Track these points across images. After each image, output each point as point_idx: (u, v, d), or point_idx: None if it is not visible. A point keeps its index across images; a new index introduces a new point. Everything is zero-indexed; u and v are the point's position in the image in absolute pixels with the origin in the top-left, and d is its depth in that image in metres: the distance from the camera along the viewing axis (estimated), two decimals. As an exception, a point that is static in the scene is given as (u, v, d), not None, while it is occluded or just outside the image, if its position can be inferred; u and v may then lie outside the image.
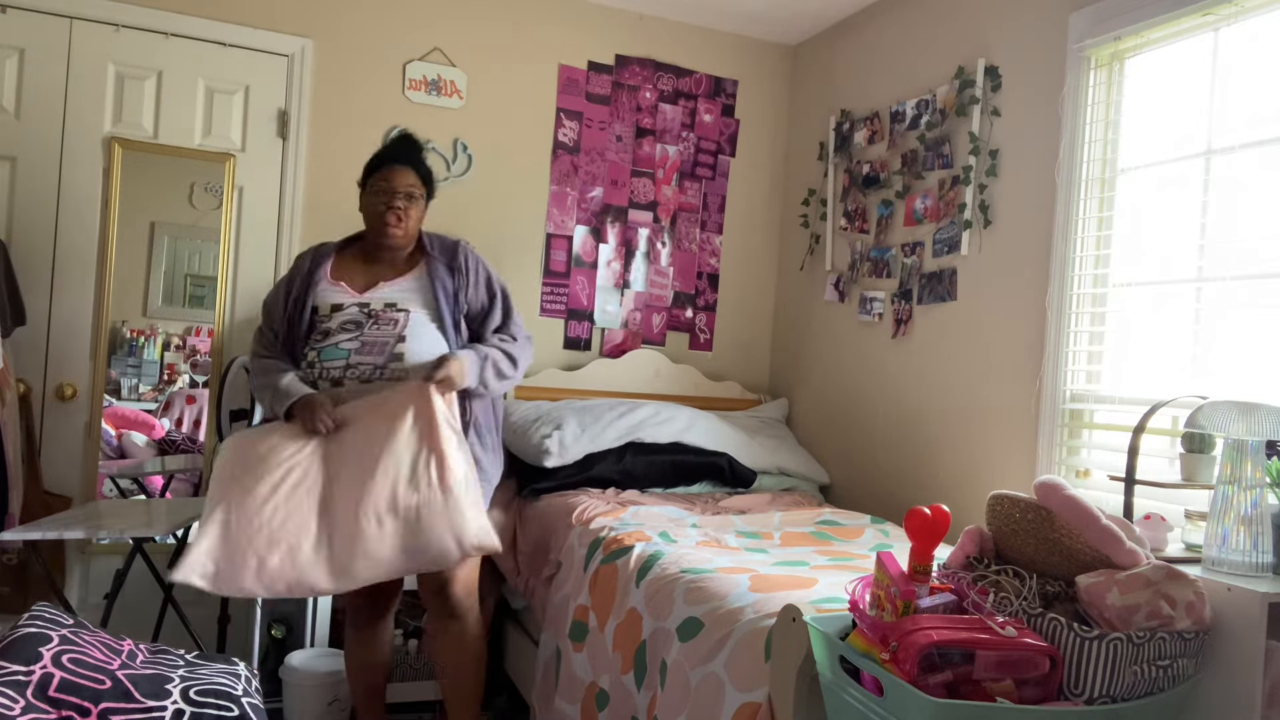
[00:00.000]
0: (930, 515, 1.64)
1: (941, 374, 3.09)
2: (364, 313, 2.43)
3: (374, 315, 2.42)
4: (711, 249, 3.99)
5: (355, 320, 2.43)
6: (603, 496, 3.13)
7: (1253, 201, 2.24)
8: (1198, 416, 1.81)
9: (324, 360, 2.39)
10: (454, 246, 2.59)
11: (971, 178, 2.96)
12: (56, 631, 1.71)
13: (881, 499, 3.33)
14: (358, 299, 2.45)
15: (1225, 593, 1.63)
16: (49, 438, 3.10)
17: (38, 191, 3.07)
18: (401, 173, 2.48)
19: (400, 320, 2.42)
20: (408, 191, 2.47)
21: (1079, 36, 2.62)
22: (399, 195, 2.46)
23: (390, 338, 2.41)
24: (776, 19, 3.82)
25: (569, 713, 2.48)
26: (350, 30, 3.43)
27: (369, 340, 2.40)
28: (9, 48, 3.04)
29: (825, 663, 1.62)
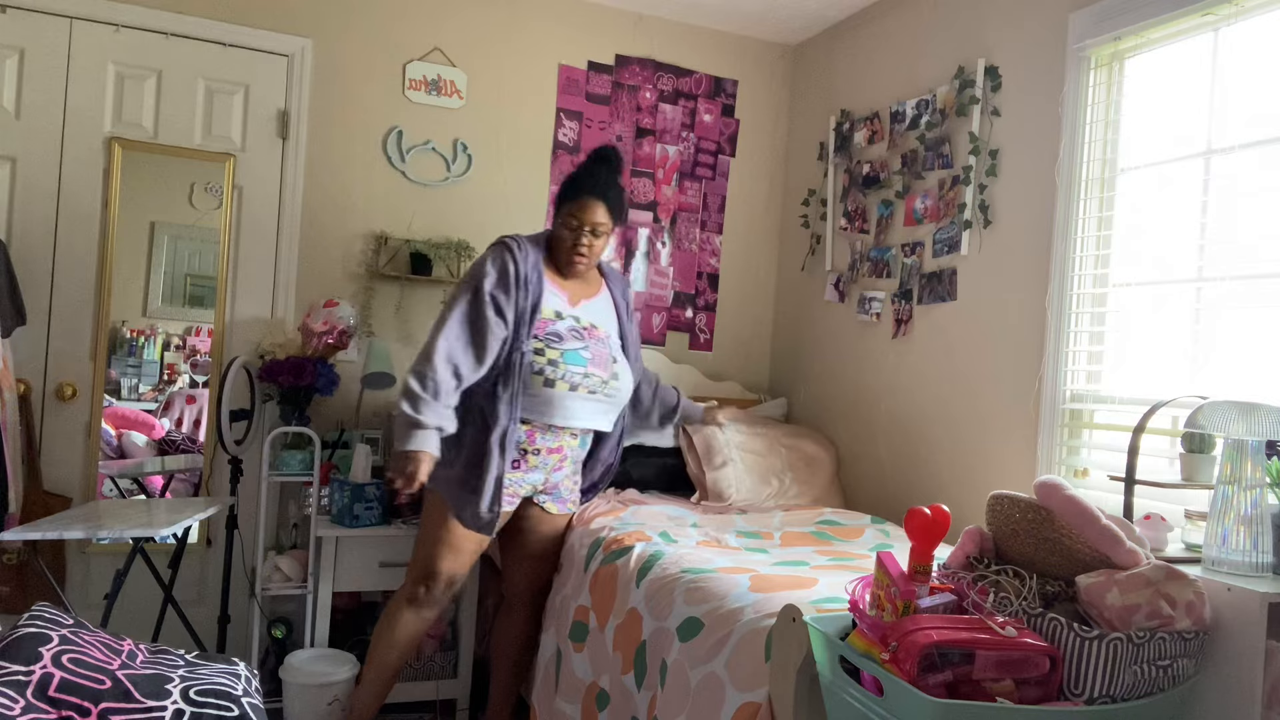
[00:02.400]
0: (930, 515, 1.64)
1: (941, 374, 3.09)
2: (579, 325, 2.54)
3: (588, 329, 2.55)
4: (711, 249, 3.99)
5: (577, 331, 2.53)
6: (603, 496, 3.13)
7: (1252, 201, 2.24)
8: (1198, 416, 1.81)
9: (568, 363, 2.47)
10: (623, 277, 2.81)
11: (971, 178, 2.96)
12: (56, 631, 1.71)
13: (881, 499, 3.33)
14: (572, 310, 2.56)
15: (1225, 593, 1.63)
16: (49, 438, 3.10)
17: (38, 191, 3.07)
18: (593, 207, 2.51)
19: (605, 340, 2.58)
20: (594, 228, 2.52)
21: (1079, 36, 2.62)
22: (585, 231, 2.51)
23: (607, 355, 2.56)
24: (776, 19, 3.82)
25: (569, 713, 2.48)
26: (350, 30, 3.43)
27: (596, 354, 2.53)
28: (9, 48, 3.04)
29: (825, 663, 1.62)
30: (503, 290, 2.46)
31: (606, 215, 2.53)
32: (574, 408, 2.53)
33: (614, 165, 2.62)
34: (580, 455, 2.69)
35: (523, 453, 2.54)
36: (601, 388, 2.54)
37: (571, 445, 2.62)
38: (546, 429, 2.54)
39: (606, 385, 2.55)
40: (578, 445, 2.64)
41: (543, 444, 2.55)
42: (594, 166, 2.59)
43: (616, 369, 2.57)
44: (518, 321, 2.46)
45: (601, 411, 2.61)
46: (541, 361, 2.46)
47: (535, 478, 2.60)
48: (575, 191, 2.54)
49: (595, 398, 2.55)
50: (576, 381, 2.49)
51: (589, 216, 2.51)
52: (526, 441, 2.53)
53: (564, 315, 2.54)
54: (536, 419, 2.52)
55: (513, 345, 2.46)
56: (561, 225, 2.55)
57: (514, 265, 2.47)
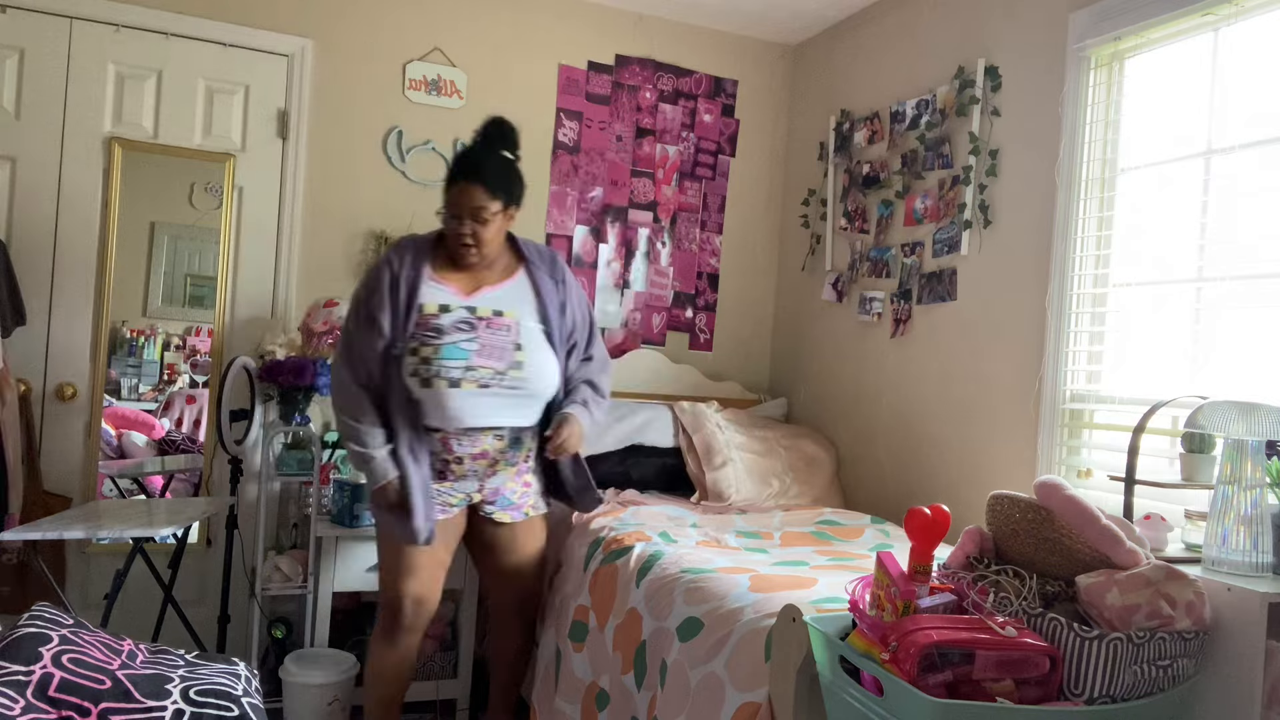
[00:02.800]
0: (930, 515, 1.64)
1: (941, 374, 3.09)
2: (474, 316, 2.33)
3: (485, 320, 2.33)
4: (711, 249, 3.99)
5: (467, 321, 2.32)
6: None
7: (1252, 201, 2.24)
8: (1198, 416, 1.81)
9: (443, 358, 2.27)
10: (553, 255, 2.52)
11: (971, 178, 2.96)
12: (56, 631, 1.71)
13: (881, 499, 3.33)
14: (465, 301, 2.35)
15: (1225, 593, 1.63)
16: (49, 438, 3.10)
17: (38, 191, 3.07)
18: (469, 192, 2.30)
19: (512, 327, 2.35)
20: (474, 214, 2.30)
21: (1079, 36, 2.62)
22: (465, 220, 2.32)
23: (508, 344, 2.32)
24: (776, 19, 3.82)
25: (569, 713, 2.48)
26: (350, 30, 3.43)
27: (487, 344, 2.30)
28: (9, 48, 3.04)
29: (825, 663, 1.62)
30: (374, 297, 2.34)
31: (487, 197, 2.30)
32: (465, 405, 2.30)
33: (492, 140, 2.40)
34: (516, 456, 2.45)
35: (444, 463, 2.37)
36: (496, 380, 2.30)
37: (497, 446, 2.39)
38: (461, 433, 2.34)
39: (504, 376, 2.31)
40: (505, 446, 2.40)
41: (462, 450, 2.36)
42: (470, 146, 2.41)
43: (521, 357, 2.33)
44: (394, 325, 2.32)
45: (507, 406, 2.35)
46: (415, 361, 2.28)
47: (468, 486, 2.42)
48: (450, 177, 2.34)
49: (491, 391, 2.30)
50: (457, 376, 2.27)
51: (466, 202, 2.30)
52: (444, 450, 2.35)
53: (452, 308, 2.33)
54: (439, 423, 2.33)
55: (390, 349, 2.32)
56: (445, 215, 2.35)
57: (388, 271, 2.35)
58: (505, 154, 2.40)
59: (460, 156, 2.39)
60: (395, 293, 2.33)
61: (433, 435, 2.34)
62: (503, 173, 2.36)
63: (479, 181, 2.30)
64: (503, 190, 2.34)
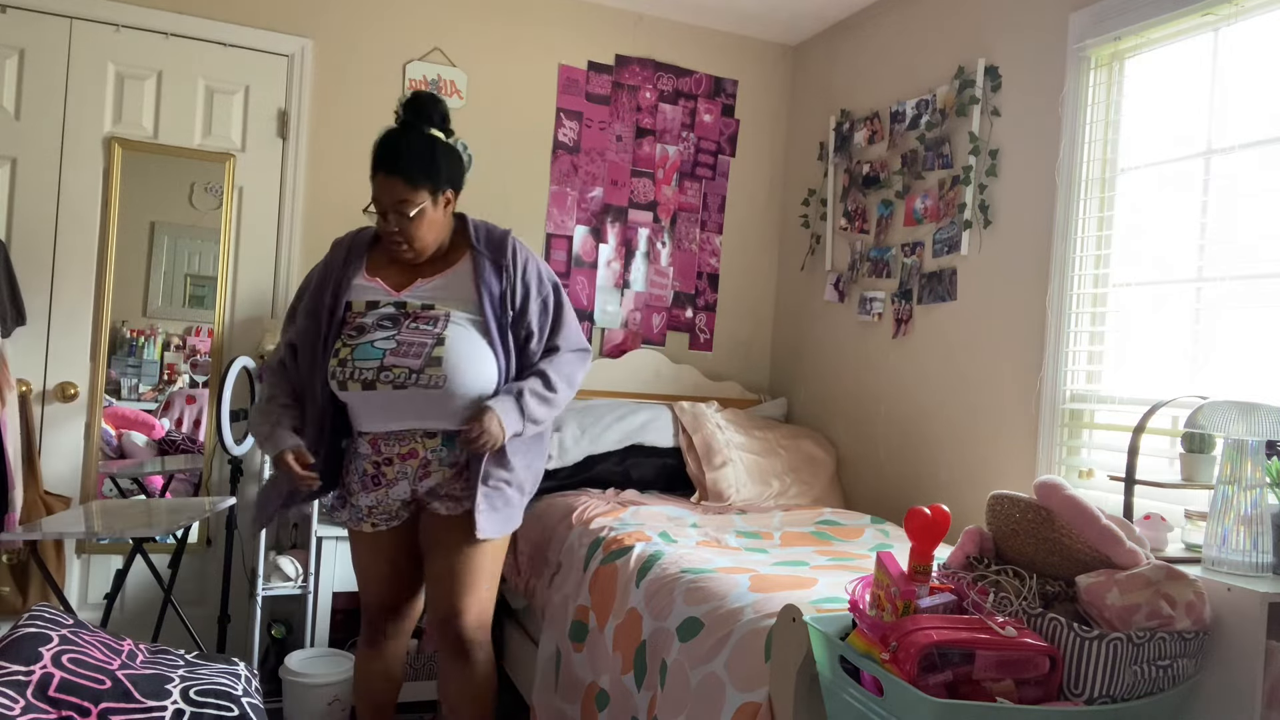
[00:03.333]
0: (930, 515, 1.64)
1: (941, 374, 3.09)
2: (401, 312, 2.17)
3: (412, 315, 2.16)
4: (711, 249, 3.99)
5: (391, 317, 2.16)
6: (602, 496, 3.13)
7: (1252, 201, 2.24)
8: (1198, 416, 1.81)
9: (357, 359, 2.12)
10: (502, 239, 2.28)
11: (971, 178, 2.96)
12: (56, 631, 1.71)
13: (882, 499, 3.33)
14: (394, 297, 2.19)
15: (1225, 593, 1.63)
16: (49, 438, 3.10)
17: (38, 191, 3.07)
18: (388, 186, 2.12)
19: (439, 321, 2.15)
20: (397, 208, 2.12)
21: (1079, 36, 2.62)
22: (389, 215, 2.14)
23: (429, 339, 2.13)
24: (776, 19, 3.82)
25: (569, 713, 2.48)
26: (350, 30, 3.43)
27: (405, 341, 2.13)
28: (9, 48, 3.04)
29: (825, 663, 1.62)
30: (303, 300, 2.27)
31: (408, 189, 2.10)
32: (380, 407, 2.15)
33: (413, 119, 2.19)
34: (450, 458, 2.20)
35: (376, 465, 2.20)
36: (411, 380, 2.10)
37: (430, 446, 2.19)
38: (388, 435, 2.18)
39: (420, 375, 2.10)
40: (439, 446, 2.19)
41: (391, 450, 2.19)
42: (388, 131, 2.19)
43: (440, 353, 2.11)
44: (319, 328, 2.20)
45: (428, 407, 2.14)
46: (334, 364, 2.15)
47: (401, 491, 2.21)
48: (371, 170, 2.15)
49: (408, 393, 2.11)
50: (369, 378, 2.11)
51: (387, 197, 2.12)
52: (373, 452, 2.20)
53: (382, 304, 2.18)
54: (364, 426, 2.21)
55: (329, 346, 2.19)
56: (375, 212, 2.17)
57: (320, 271, 2.26)
58: (430, 132, 2.18)
59: (378, 144, 2.16)
60: (321, 295, 2.21)
61: (362, 438, 2.21)
62: (426, 156, 2.14)
63: (397, 173, 2.10)
64: (428, 177, 2.13)
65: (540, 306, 2.28)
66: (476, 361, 2.17)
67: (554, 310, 2.31)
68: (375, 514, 2.25)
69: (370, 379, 2.11)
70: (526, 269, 2.27)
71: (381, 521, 2.26)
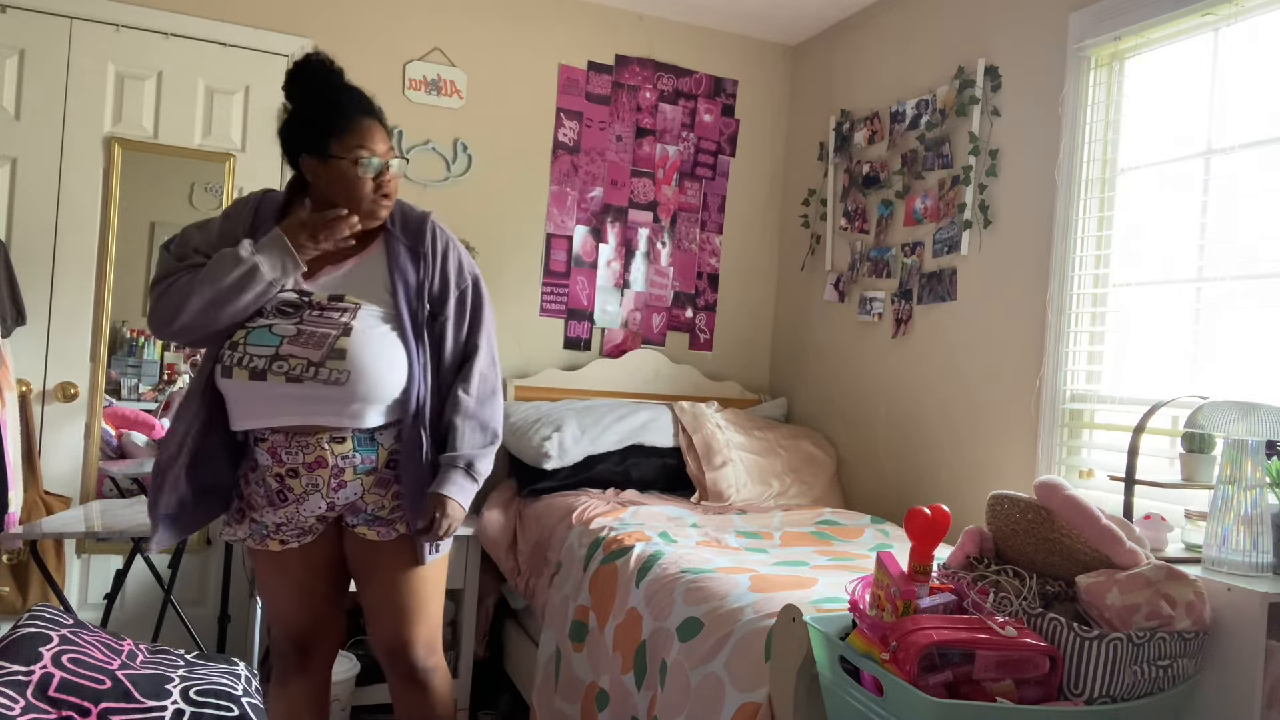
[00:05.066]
0: (930, 515, 1.64)
1: (941, 374, 3.09)
2: (304, 300, 1.93)
3: (317, 305, 1.92)
4: (711, 249, 3.99)
5: (292, 305, 1.92)
6: (602, 496, 3.13)
7: (1252, 201, 2.25)
8: (1198, 416, 1.81)
9: (249, 343, 1.87)
10: (421, 222, 2.05)
11: (971, 178, 2.96)
12: (56, 631, 1.71)
13: (882, 499, 3.33)
14: (299, 285, 1.94)
15: (1225, 593, 1.63)
16: (49, 438, 3.10)
17: (38, 191, 3.07)
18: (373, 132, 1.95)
19: (349, 311, 1.92)
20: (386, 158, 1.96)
21: (1079, 36, 2.62)
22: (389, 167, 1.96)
23: (334, 329, 1.89)
24: (776, 19, 3.82)
25: (569, 713, 2.48)
26: (350, 30, 3.43)
27: (307, 330, 1.88)
28: (9, 48, 3.04)
29: (825, 663, 1.62)
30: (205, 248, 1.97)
31: (389, 136, 2.00)
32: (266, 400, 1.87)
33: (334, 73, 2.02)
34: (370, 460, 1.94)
35: (279, 479, 1.90)
36: (308, 373, 1.84)
37: (340, 452, 1.91)
38: (289, 439, 1.89)
39: (320, 369, 1.85)
40: (350, 450, 1.91)
41: (294, 459, 1.89)
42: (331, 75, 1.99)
43: (344, 345, 1.87)
44: None
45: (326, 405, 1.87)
46: (225, 348, 1.89)
47: (314, 505, 1.93)
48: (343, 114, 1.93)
49: (304, 387, 1.85)
50: (260, 366, 1.85)
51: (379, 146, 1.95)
52: (273, 462, 1.90)
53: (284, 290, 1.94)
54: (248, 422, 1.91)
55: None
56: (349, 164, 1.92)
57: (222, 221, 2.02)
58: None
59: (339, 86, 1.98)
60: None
61: (260, 447, 1.92)
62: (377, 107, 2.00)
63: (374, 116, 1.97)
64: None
65: (458, 300, 2.04)
66: (386, 357, 1.92)
67: (472, 306, 2.06)
68: (284, 530, 1.97)
69: (260, 368, 1.85)
70: (446, 257, 2.04)
71: (291, 538, 1.98)
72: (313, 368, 1.85)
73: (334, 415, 1.89)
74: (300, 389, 1.86)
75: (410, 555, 2.00)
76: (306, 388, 1.86)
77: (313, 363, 1.86)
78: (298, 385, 1.85)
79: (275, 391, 1.86)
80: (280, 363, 1.85)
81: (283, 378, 1.85)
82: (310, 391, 1.86)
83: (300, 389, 1.86)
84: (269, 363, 1.85)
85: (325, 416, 1.89)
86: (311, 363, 1.86)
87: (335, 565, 2.05)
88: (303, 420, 1.88)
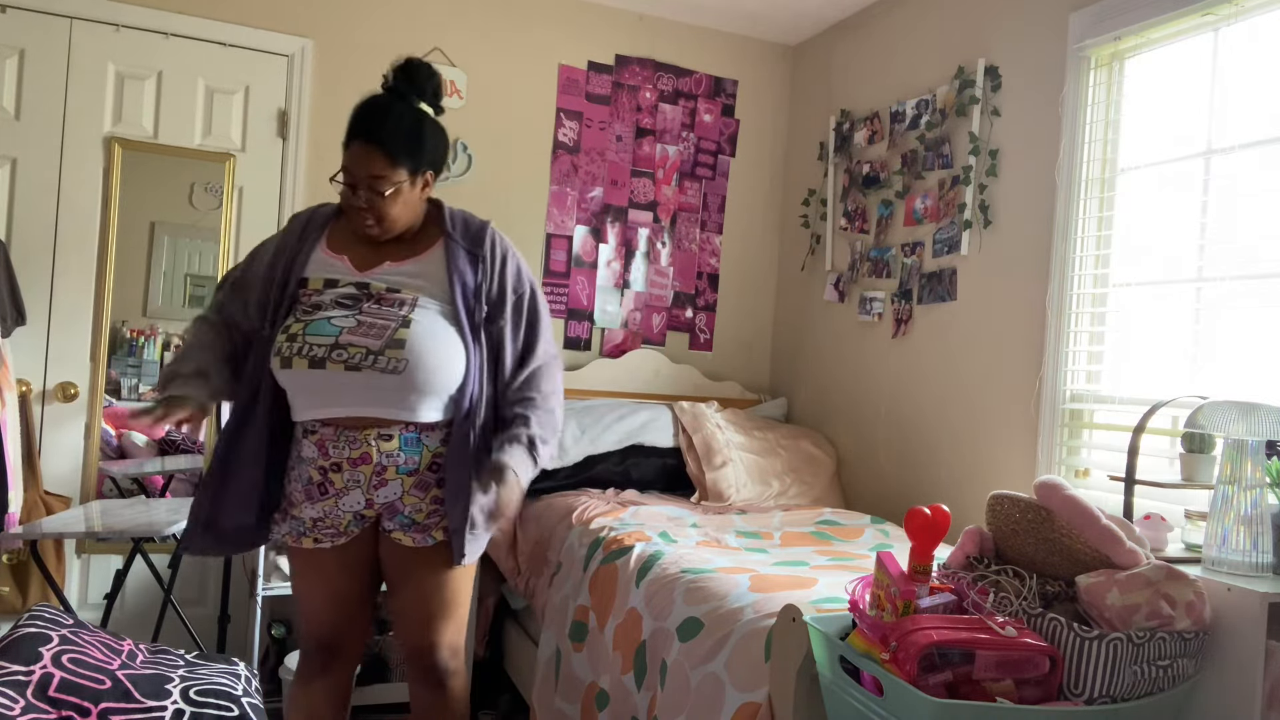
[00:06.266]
0: (930, 515, 1.64)
1: (941, 374, 3.09)
2: (363, 292, 1.94)
3: (375, 296, 1.94)
4: (711, 249, 3.99)
5: (351, 297, 1.94)
6: (602, 496, 3.13)
7: (1252, 201, 2.25)
8: (1198, 416, 1.81)
9: (309, 334, 1.88)
10: (480, 230, 2.07)
11: (971, 178, 2.96)
12: (56, 631, 1.71)
13: (882, 499, 3.33)
14: (356, 277, 1.96)
15: (1225, 593, 1.63)
16: (49, 438, 3.10)
17: (38, 191, 3.07)
18: (364, 157, 1.91)
19: (407, 304, 1.93)
20: (371, 184, 1.91)
21: (1079, 36, 2.62)
22: (360, 191, 1.92)
23: (393, 320, 1.90)
24: (776, 19, 3.82)
25: (569, 713, 2.48)
26: (350, 30, 3.43)
27: (367, 320, 1.90)
28: (9, 48, 3.04)
29: (825, 663, 1.62)
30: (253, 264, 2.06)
31: (387, 165, 1.90)
32: (326, 388, 1.88)
33: (402, 88, 1.98)
34: (413, 462, 1.94)
35: (322, 472, 1.92)
36: (368, 361, 1.85)
37: (386, 450, 1.92)
38: (338, 433, 1.91)
39: (379, 358, 1.86)
40: (396, 449, 1.92)
41: (339, 454, 1.91)
42: (371, 96, 1.98)
43: (404, 335, 1.88)
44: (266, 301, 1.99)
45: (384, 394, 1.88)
46: (282, 340, 1.91)
47: (353, 501, 1.94)
48: (347, 137, 1.95)
49: (363, 376, 1.86)
50: (320, 355, 1.86)
51: (361, 170, 1.91)
52: (319, 455, 1.92)
53: (342, 282, 1.96)
54: (307, 413, 1.93)
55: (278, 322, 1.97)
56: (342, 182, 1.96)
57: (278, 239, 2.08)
58: (420, 106, 1.99)
59: (360, 108, 1.96)
60: (273, 270, 2.01)
61: (309, 439, 1.95)
62: (412, 132, 1.94)
63: (377, 144, 1.90)
64: (409, 155, 1.93)
65: (514, 304, 2.04)
66: (444, 349, 1.93)
67: (529, 312, 2.07)
68: (320, 527, 1.95)
69: (320, 356, 1.86)
70: (505, 262, 2.05)
71: (326, 537, 1.96)
72: (371, 356, 1.87)
73: (389, 405, 1.91)
74: (359, 377, 1.87)
75: (443, 561, 1.99)
76: (365, 376, 1.87)
77: (371, 351, 1.87)
78: (356, 374, 1.87)
79: (334, 380, 1.88)
80: (340, 351, 1.87)
81: (341, 366, 1.86)
82: (368, 380, 1.87)
83: (359, 377, 1.87)
84: (329, 351, 1.87)
85: (381, 406, 1.91)
86: (370, 351, 1.87)
87: (370, 569, 2.05)
88: (359, 410, 1.90)
